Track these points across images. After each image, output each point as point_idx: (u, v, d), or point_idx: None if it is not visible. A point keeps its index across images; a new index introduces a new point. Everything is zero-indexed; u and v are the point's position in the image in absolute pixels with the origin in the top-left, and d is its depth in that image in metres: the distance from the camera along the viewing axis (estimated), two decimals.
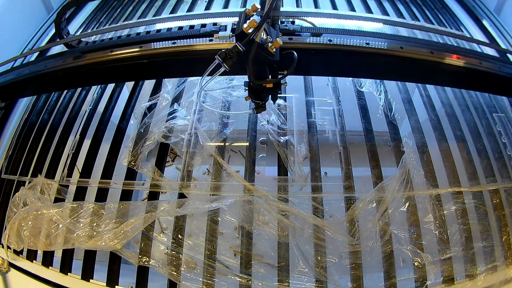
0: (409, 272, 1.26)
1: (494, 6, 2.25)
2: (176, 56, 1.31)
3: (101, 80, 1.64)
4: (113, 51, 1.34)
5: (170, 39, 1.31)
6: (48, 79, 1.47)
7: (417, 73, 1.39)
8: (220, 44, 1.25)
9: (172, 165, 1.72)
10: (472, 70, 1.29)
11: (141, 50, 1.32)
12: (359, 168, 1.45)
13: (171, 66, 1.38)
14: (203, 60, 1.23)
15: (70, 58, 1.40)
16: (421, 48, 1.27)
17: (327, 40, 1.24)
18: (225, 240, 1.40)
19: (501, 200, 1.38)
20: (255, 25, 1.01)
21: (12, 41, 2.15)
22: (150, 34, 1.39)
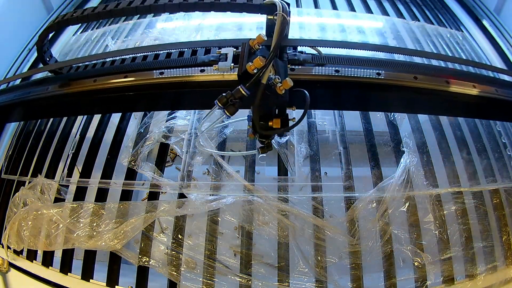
0: (409, 272, 1.26)
1: (494, 6, 2.25)
2: (168, 88, 1.17)
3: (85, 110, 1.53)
4: (97, 80, 1.21)
5: (169, 67, 1.16)
6: (31, 106, 1.38)
7: (431, 106, 1.28)
8: (216, 75, 1.10)
9: (172, 165, 1.72)
10: (490, 99, 1.18)
11: (131, 81, 1.18)
12: (359, 168, 1.45)
13: (160, 98, 1.26)
14: (195, 93, 1.14)
15: (55, 85, 1.28)
16: (436, 78, 1.14)
17: (333, 71, 1.11)
18: (225, 240, 1.40)
19: (501, 200, 1.38)
20: (261, 65, 0.88)
21: (12, 41, 2.16)
22: (139, 63, 1.22)
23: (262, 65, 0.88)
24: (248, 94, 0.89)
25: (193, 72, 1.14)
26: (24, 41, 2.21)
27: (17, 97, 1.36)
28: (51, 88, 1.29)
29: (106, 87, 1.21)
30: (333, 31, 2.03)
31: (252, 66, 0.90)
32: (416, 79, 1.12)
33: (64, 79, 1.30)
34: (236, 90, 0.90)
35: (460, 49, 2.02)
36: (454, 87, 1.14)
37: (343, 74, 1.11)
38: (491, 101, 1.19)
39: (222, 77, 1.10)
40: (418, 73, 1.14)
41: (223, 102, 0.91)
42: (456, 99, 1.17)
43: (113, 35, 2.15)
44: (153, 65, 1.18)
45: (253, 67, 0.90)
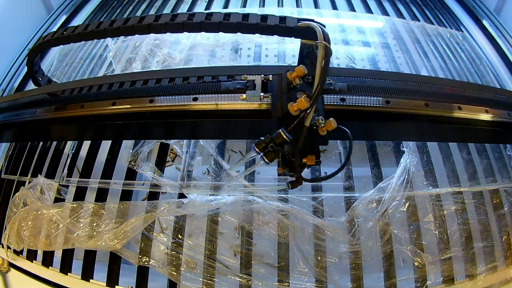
0: (409, 272, 1.26)
1: (494, 6, 2.25)
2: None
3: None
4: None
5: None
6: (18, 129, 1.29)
7: (442, 133, 1.20)
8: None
9: (172, 165, 1.72)
10: (503, 124, 1.11)
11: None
12: (359, 168, 1.45)
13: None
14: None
15: (45, 108, 1.19)
16: (448, 105, 1.07)
17: (338, 100, 1.01)
18: (225, 240, 1.40)
19: (501, 200, 1.38)
20: (306, 107, 0.77)
21: (12, 41, 2.16)
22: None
23: (307, 106, 0.78)
24: (290, 139, 0.79)
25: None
26: (24, 41, 2.21)
27: (5, 119, 1.30)
28: (40, 111, 1.20)
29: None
30: (333, 31, 2.03)
31: (295, 106, 0.80)
32: (428, 106, 1.04)
33: (56, 102, 1.22)
34: (277, 135, 0.79)
35: (460, 49, 2.02)
36: (467, 113, 1.08)
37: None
38: (504, 125, 1.13)
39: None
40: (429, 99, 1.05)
41: (261, 148, 0.80)
42: (470, 125, 1.10)
43: None
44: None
45: (296, 108, 0.80)
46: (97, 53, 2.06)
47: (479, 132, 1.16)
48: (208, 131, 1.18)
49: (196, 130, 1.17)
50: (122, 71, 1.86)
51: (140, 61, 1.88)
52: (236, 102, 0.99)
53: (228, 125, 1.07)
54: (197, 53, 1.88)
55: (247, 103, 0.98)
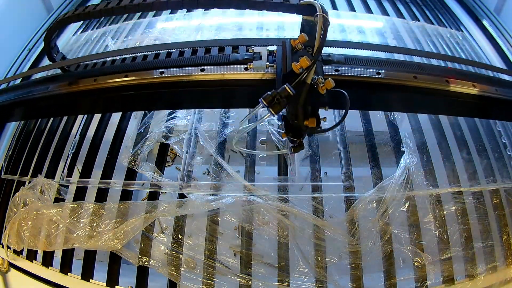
0: (409, 272, 1.26)
1: (494, 6, 2.25)
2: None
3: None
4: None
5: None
6: (32, 105, 1.35)
7: (431, 105, 1.28)
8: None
9: (172, 165, 1.72)
10: (489, 98, 1.17)
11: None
12: (359, 168, 1.45)
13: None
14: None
15: (58, 84, 1.24)
16: (436, 78, 1.14)
17: (333, 70, 1.11)
18: (225, 240, 1.40)
19: (501, 200, 1.38)
20: (307, 64, 0.89)
21: (12, 41, 2.16)
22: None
23: (308, 64, 0.89)
24: (294, 93, 0.90)
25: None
26: (24, 41, 2.21)
27: (18, 96, 1.35)
28: (53, 87, 1.27)
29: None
30: (333, 31, 2.02)
31: (298, 65, 0.91)
32: (416, 78, 1.12)
33: (70, 78, 1.28)
34: (282, 89, 0.90)
35: (460, 49, 2.02)
36: (454, 87, 1.14)
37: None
38: (491, 100, 1.19)
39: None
40: (418, 72, 1.14)
41: (268, 101, 0.91)
42: (456, 98, 1.17)
43: (113, 35, 2.15)
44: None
45: (299, 66, 0.91)
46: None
47: (466, 105, 1.22)
48: (214, 100, 1.26)
49: (203, 99, 1.25)
50: None
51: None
52: (242, 72, 1.10)
53: (233, 94, 1.16)
54: None
55: (252, 73, 1.09)
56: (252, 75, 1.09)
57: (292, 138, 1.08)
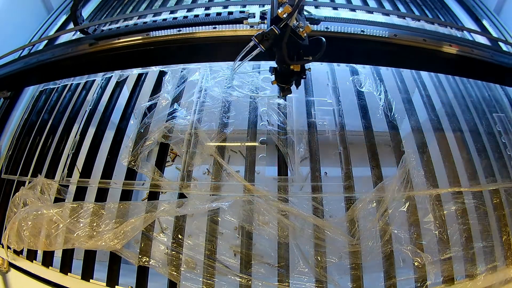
0: (409, 272, 1.26)
1: (494, 6, 2.25)
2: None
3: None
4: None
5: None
6: (62, 65, 1.48)
7: (411, 61, 1.43)
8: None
9: (172, 165, 1.72)
10: (465, 57, 1.33)
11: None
12: (359, 168, 1.45)
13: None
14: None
15: (86, 44, 1.40)
16: (415, 36, 1.33)
17: (324, 28, 1.33)
18: (225, 240, 1.40)
19: (501, 200, 1.38)
20: (289, 11, 1.08)
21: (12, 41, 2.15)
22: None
23: (290, 11, 1.08)
24: (279, 33, 1.10)
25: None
26: (24, 41, 2.21)
27: (40, 61, 1.47)
28: (77, 48, 1.42)
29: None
30: None
31: (282, 12, 1.09)
32: (396, 36, 1.31)
33: (106, 35, 1.42)
34: (270, 29, 1.11)
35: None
36: (430, 45, 1.31)
37: (354, 31, 1.31)
38: (465, 59, 1.34)
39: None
40: (398, 32, 1.33)
41: (259, 39, 1.12)
42: (430, 56, 1.34)
43: None
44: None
45: (283, 13, 1.09)
46: None
47: (444, 63, 1.38)
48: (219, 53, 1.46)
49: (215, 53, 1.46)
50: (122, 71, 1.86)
51: None
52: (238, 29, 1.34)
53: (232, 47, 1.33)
54: None
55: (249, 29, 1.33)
56: (247, 31, 1.33)
57: (281, 84, 1.31)
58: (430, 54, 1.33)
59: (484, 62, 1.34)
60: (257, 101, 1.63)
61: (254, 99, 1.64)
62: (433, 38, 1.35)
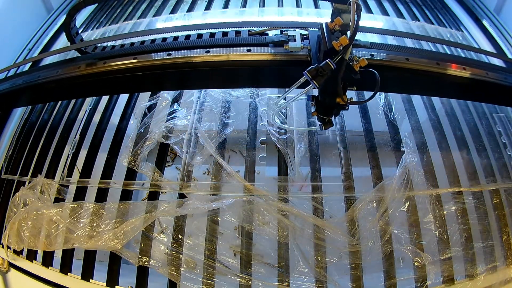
0: (409, 272, 1.26)
1: (494, 6, 2.25)
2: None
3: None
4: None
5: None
6: (52, 87, 1.39)
7: (422, 85, 1.35)
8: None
9: (172, 165, 1.72)
10: (479, 81, 1.25)
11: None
12: (359, 168, 1.45)
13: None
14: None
15: (83, 64, 1.29)
16: (427, 59, 1.24)
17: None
18: (225, 240, 1.40)
19: (501, 200, 1.38)
20: (346, 43, 0.99)
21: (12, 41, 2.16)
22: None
23: (348, 43, 0.99)
24: (335, 68, 1.00)
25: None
26: (24, 41, 2.21)
27: (26, 82, 1.39)
28: (62, 70, 1.33)
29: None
30: None
31: (338, 43, 1.00)
32: (408, 60, 1.22)
33: (80, 61, 1.33)
34: (325, 64, 1.00)
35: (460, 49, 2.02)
36: (445, 69, 1.23)
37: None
38: (480, 83, 1.26)
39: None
40: (410, 55, 1.24)
41: (313, 74, 1.01)
42: (446, 80, 1.25)
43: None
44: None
45: (339, 44, 1.00)
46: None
47: (457, 87, 1.31)
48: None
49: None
50: None
51: None
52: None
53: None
54: None
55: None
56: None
57: (321, 116, 1.20)
58: (444, 78, 1.25)
59: (499, 85, 1.27)
60: (257, 101, 1.63)
61: (254, 99, 1.64)
62: (446, 60, 1.26)
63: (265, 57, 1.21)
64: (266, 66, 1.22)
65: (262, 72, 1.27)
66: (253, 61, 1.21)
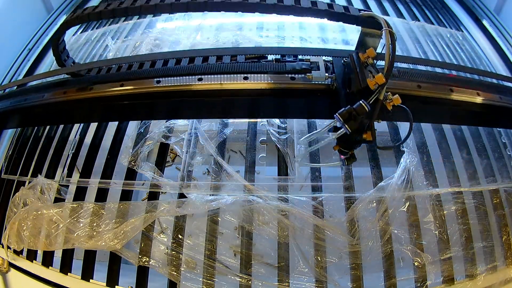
0: (409, 272, 1.26)
1: (494, 6, 2.25)
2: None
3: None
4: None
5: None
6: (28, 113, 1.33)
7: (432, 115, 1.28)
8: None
9: (172, 165, 1.71)
10: (493, 106, 1.18)
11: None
12: (359, 168, 1.45)
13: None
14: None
15: (74, 88, 1.22)
16: (441, 85, 1.16)
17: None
18: (225, 240, 1.40)
19: (501, 200, 1.38)
20: (383, 81, 0.88)
21: (12, 41, 2.16)
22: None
23: (384, 82, 0.89)
24: (369, 110, 0.90)
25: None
26: (24, 41, 2.21)
27: (13, 104, 1.34)
28: (48, 95, 1.25)
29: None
30: (333, 31, 2.03)
31: (373, 81, 0.90)
32: (420, 87, 1.12)
33: (65, 86, 1.25)
34: (359, 106, 0.90)
35: (460, 49, 2.02)
36: (458, 95, 1.14)
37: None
38: (495, 109, 1.18)
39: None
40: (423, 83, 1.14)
41: (345, 118, 0.91)
42: (461, 107, 1.17)
43: (113, 35, 2.16)
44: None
45: (374, 83, 0.90)
46: (97, 53, 2.06)
47: (471, 114, 1.24)
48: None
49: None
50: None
51: None
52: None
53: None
54: None
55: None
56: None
57: (344, 149, 1.07)
58: (457, 106, 1.16)
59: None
60: None
61: None
62: (460, 83, 1.18)
63: (286, 86, 1.10)
64: (284, 97, 1.13)
65: (283, 103, 1.18)
66: (261, 90, 1.11)
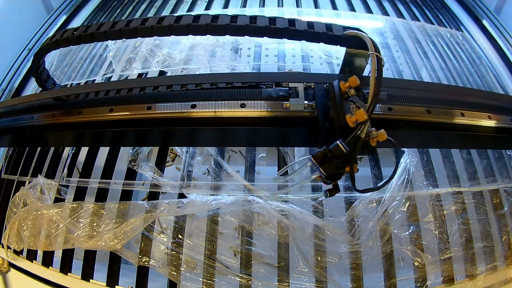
0: (409, 272, 1.26)
1: (494, 6, 2.25)
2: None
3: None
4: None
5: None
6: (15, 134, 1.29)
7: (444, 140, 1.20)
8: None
9: (172, 165, 1.72)
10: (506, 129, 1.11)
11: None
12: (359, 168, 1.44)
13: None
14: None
15: (48, 114, 1.17)
16: (451, 110, 1.07)
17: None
18: (225, 240, 1.40)
19: (501, 200, 1.38)
20: (365, 119, 0.76)
21: (12, 41, 2.16)
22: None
23: (366, 119, 0.77)
24: (347, 150, 0.79)
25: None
26: (24, 41, 2.21)
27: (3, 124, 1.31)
28: (36, 117, 1.21)
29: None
30: None
31: (353, 118, 0.79)
32: (430, 113, 1.03)
33: (55, 108, 1.21)
34: (335, 147, 0.79)
35: (460, 49, 2.02)
36: (470, 120, 1.08)
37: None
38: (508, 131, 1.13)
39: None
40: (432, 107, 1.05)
41: (319, 160, 0.80)
42: (473, 131, 1.10)
43: None
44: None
45: (354, 120, 0.79)
46: (97, 53, 2.06)
47: (483, 137, 1.15)
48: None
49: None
50: (122, 71, 1.86)
51: (140, 61, 1.88)
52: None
53: (256, 133, 1.06)
54: (197, 53, 1.88)
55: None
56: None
57: (327, 180, 0.94)
58: (469, 130, 1.08)
59: None
60: None
61: None
62: (470, 106, 1.09)
63: (260, 114, 0.99)
64: (261, 126, 1.01)
65: (257, 132, 1.07)
66: (246, 118, 1.00)
